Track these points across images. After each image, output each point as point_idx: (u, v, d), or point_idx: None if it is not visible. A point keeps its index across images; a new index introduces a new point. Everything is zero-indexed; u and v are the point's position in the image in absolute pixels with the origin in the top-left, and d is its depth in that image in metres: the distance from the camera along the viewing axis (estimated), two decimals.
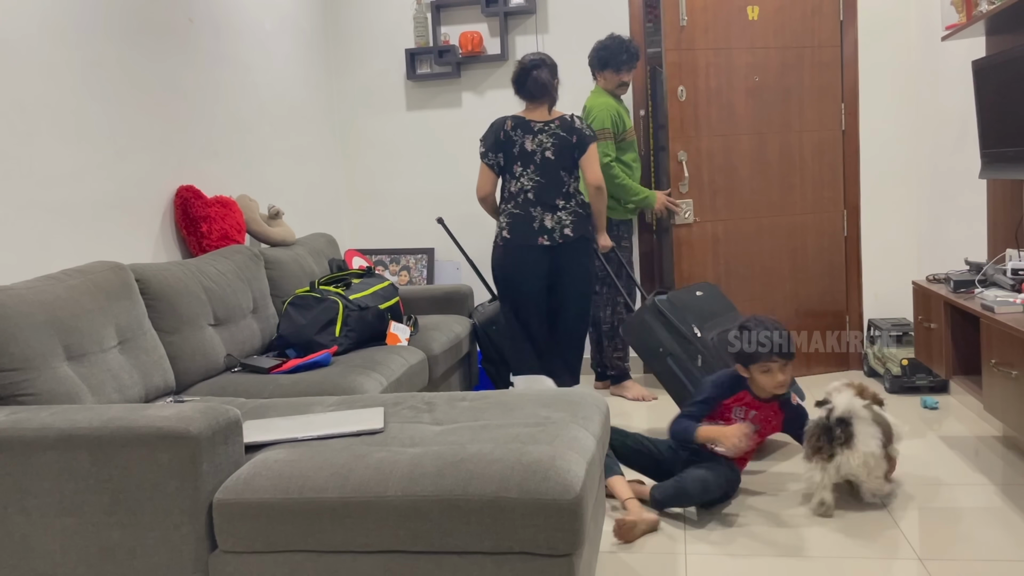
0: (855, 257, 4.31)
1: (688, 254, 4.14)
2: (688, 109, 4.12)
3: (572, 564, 1.65)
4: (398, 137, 4.69)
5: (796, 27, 4.14)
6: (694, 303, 3.41)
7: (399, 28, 4.60)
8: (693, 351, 3.23)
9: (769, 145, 4.20)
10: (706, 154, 4.15)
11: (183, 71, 3.29)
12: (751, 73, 4.14)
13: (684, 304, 3.36)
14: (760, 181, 4.20)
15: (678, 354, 3.25)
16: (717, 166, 4.16)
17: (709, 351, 3.21)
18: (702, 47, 4.12)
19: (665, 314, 3.29)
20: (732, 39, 4.12)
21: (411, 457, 1.76)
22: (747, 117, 4.16)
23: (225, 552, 1.76)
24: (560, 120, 3.46)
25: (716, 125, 4.15)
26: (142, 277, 2.62)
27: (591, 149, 3.45)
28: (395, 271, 4.63)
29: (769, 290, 4.24)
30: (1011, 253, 2.95)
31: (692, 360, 3.22)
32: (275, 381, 2.71)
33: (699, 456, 2.70)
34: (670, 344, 3.27)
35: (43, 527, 1.80)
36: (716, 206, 4.17)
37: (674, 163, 4.09)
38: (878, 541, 2.38)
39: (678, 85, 4.09)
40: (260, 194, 3.76)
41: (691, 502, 2.63)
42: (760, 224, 4.22)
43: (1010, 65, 2.81)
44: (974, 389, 2.84)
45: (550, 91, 3.50)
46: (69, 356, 2.20)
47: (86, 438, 1.76)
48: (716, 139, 4.16)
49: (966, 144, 3.50)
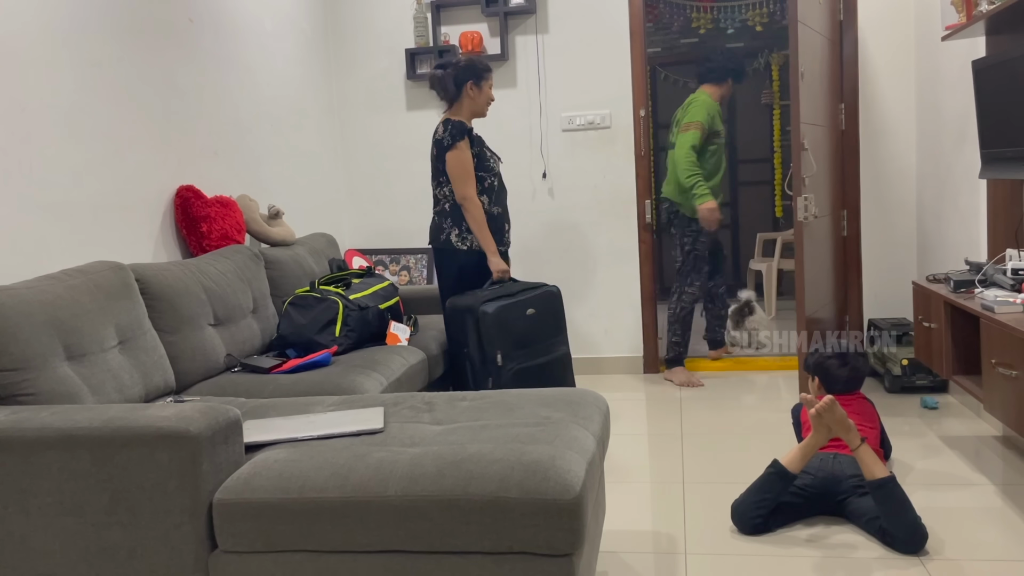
0: (855, 257, 4.31)
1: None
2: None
3: (572, 564, 1.65)
4: (398, 137, 4.69)
5: None
6: (519, 325, 3.23)
7: (399, 28, 4.60)
8: (486, 372, 3.19)
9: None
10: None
11: (183, 71, 3.29)
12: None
13: (505, 323, 3.19)
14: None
15: (475, 362, 3.21)
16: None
17: (503, 381, 3.16)
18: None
19: (479, 328, 3.18)
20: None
21: (411, 457, 1.76)
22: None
23: (225, 552, 1.76)
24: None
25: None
26: (142, 277, 2.62)
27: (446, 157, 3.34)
28: (395, 271, 4.63)
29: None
30: (1011, 253, 2.95)
31: (483, 377, 3.19)
32: (275, 381, 2.71)
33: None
34: (475, 350, 3.21)
35: (43, 527, 1.79)
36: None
37: (799, 152, 3.66)
38: (877, 542, 2.38)
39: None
40: (260, 194, 3.76)
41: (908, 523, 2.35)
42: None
43: (1010, 65, 2.81)
44: (974, 389, 2.84)
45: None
46: (69, 356, 2.20)
47: (86, 438, 1.76)
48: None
49: (966, 144, 3.50)
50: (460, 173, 3.31)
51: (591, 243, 4.54)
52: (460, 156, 3.30)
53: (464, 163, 3.31)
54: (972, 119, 3.23)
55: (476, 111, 3.45)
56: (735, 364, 4.60)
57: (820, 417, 2.44)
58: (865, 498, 2.42)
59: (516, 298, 3.27)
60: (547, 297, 3.38)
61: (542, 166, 4.52)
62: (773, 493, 2.46)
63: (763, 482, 2.48)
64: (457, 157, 3.30)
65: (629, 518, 2.65)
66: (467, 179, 3.31)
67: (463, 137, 3.31)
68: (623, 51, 4.40)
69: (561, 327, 3.43)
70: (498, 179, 3.47)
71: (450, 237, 3.38)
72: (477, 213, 3.32)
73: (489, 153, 3.44)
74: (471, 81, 3.38)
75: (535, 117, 4.51)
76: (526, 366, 3.22)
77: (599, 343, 4.59)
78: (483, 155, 3.39)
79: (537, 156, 4.52)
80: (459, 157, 3.30)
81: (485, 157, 3.40)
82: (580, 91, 4.46)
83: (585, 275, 4.56)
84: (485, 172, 3.39)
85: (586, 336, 4.58)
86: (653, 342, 4.54)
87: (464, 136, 3.32)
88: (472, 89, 3.40)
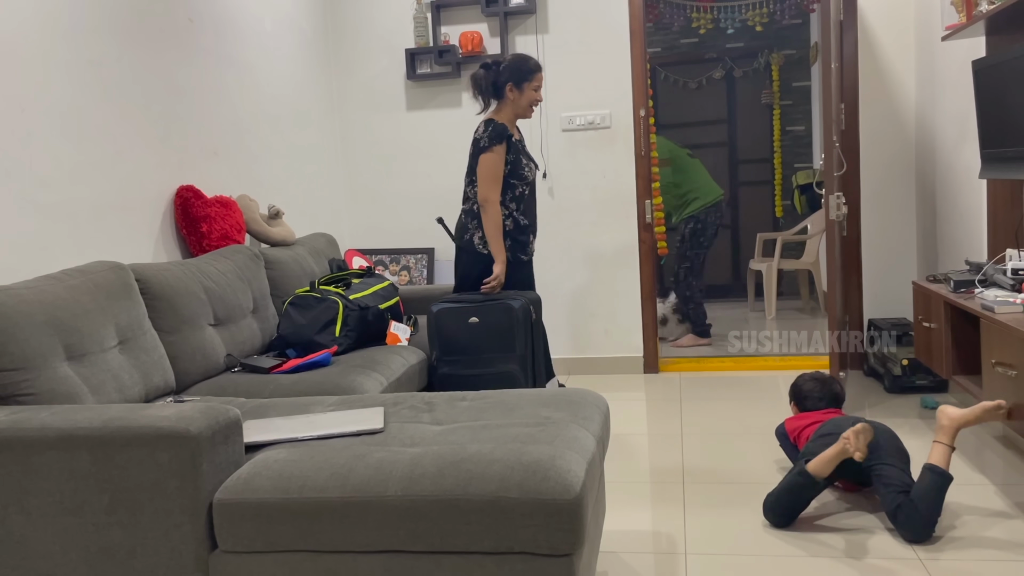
0: (855, 257, 4.31)
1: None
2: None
3: (572, 564, 1.65)
4: (398, 137, 4.69)
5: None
6: (454, 330, 3.20)
7: (399, 28, 4.61)
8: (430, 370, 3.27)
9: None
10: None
11: (183, 71, 3.29)
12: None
13: (441, 326, 3.21)
14: None
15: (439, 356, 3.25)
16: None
17: (434, 382, 3.21)
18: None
19: (429, 326, 3.25)
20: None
21: (411, 457, 1.76)
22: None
23: (225, 552, 1.76)
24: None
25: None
26: (142, 277, 2.62)
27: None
28: (395, 271, 4.63)
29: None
30: (1011, 253, 2.95)
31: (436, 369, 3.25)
32: (275, 381, 2.71)
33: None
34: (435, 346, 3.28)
35: (43, 527, 1.80)
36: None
37: (831, 149, 3.59)
38: (877, 541, 2.38)
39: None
40: (260, 194, 3.76)
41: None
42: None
43: (1010, 65, 2.81)
44: (974, 389, 2.84)
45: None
46: (69, 356, 2.20)
47: (86, 438, 1.76)
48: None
49: (966, 144, 3.50)
50: (488, 176, 3.25)
51: (591, 243, 4.54)
52: (493, 159, 3.23)
53: (495, 167, 3.24)
54: (972, 119, 3.23)
55: (518, 113, 3.37)
56: (735, 364, 4.60)
57: (856, 439, 2.42)
58: (894, 468, 2.45)
59: (463, 304, 3.22)
60: (499, 309, 3.18)
61: (542, 166, 4.52)
62: (804, 497, 2.51)
63: (792, 486, 2.50)
64: (490, 160, 3.24)
65: (629, 518, 2.65)
66: (493, 183, 3.25)
67: (501, 141, 3.24)
68: (623, 51, 4.40)
69: (510, 344, 3.18)
70: (530, 188, 3.40)
71: (472, 238, 3.34)
72: (495, 217, 3.26)
73: (525, 161, 3.36)
74: (511, 83, 3.30)
75: (535, 117, 4.51)
76: (458, 373, 3.17)
77: (599, 343, 4.59)
78: (518, 162, 3.31)
79: (537, 156, 4.52)
80: (492, 160, 3.23)
81: (520, 165, 3.32)
82: (580, 91, 4.45)
83: (585, 275, 4.56)
84: (517, 180, 3.32)
85: (586, 336, 4.59)
86: (653, 342, 4.54)
87: (502, 141, 3.25)
88: (512, 91, 3.31)
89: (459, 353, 3.19)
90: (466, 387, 3.02)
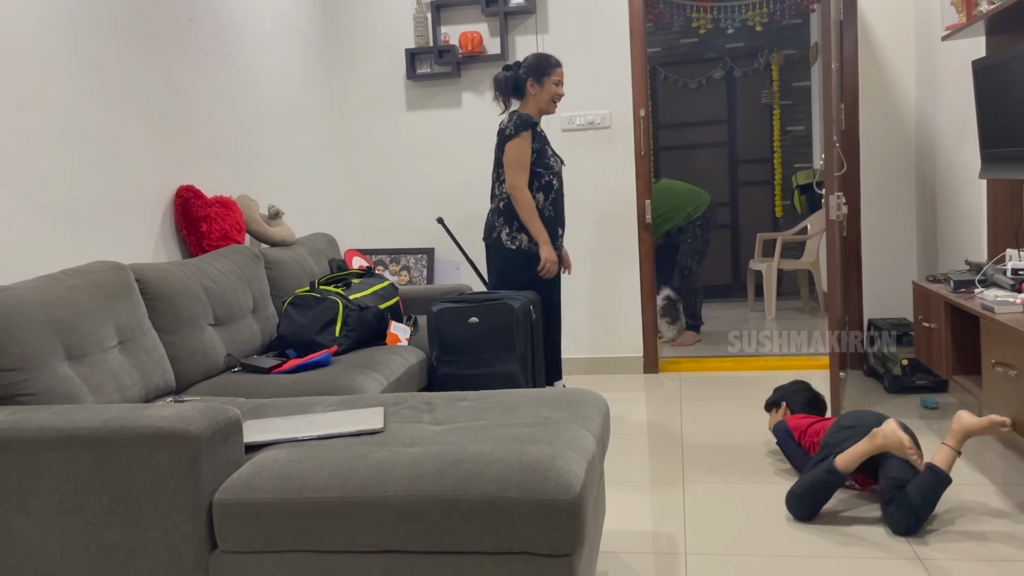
0: (855, 257, 4.31)
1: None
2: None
3: (572, 564, 1.65)
4: (398, 137, 4.69)
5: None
6: (455, 330, 3.20)
7: (399, 28, 4.61)
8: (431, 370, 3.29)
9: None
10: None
11: (183, 71, 3.29)
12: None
13: (441, 326, 3.21)
14: None
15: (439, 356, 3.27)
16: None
17: (435, 382, 3.23)
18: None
19: (429, 325, 3.25)
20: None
21: (411, 457, 1.76)
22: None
23: (225, 552, 1.76)
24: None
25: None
26: (142, 277, 2.62)
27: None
28: (395, 271, 4.63)
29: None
30: (1011, 253, 2.95)
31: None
32: (275, 381, 2.71)
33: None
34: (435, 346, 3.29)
35: (43, 527, 1.80)
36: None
37: (831, 149, 3.59)
38: (877, 541, 2.38)
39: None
40: (260, 194, 3.76)
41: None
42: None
43: (1010, 65, 2.81)
44: (974, 389, 2.84)
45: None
46: (69, 356, 2.20)
47: (86, 438, 1.76)
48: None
49: (966, 144, 3.50)
50: (514, 161, 3.30)
51: (591, 243, 4.54)
52: (519, 145, 3.30)
53: (521, 152, 3.30)
54: (972, 119, 3.23)
55: (541, 108, 3.44)
56: (735, 364, 4.60)
57: (884, 439, 2.49)
58: (900, 461, 2.48)
59: (463, 304, 3.22)
60: (499, 309, 3.18)
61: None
62: (828, 491, 2.55)
63: (819, 482, 2.53)
64: (516, 146, 3.30)
65: (629, 518, 2.65)
66: (520, 169, 3.30)
67: (527, 128, 3.31)
68: (623, 51, 4.40)
69: (510, 344, 3.19)
70: (558, 179, 3.45)
71: (500, 235, 3.41)
72: (525, 202, 3.31)
73: (551, 151, 3.43)
74: (531, 79, 3.39)
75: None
76: (457, 373, 3.18)
77: (599, 343, 4.59)
78: (544, 152, 3.38)
79: None
80: (518, 146, 3.30)
81: (546, 155, 3.39)
82: (580, 91, 4.45)
83: (585, 275, 4.56)
84: (544, 169, 3.37)
85: (586, 336, 4.59)
86: (653, 342, 4.54)
87: (528, 128, 3.32)
88: (533, 87, 3.40)
89: (459, 353, 3.20)
90: (466, 387, 3.03)
